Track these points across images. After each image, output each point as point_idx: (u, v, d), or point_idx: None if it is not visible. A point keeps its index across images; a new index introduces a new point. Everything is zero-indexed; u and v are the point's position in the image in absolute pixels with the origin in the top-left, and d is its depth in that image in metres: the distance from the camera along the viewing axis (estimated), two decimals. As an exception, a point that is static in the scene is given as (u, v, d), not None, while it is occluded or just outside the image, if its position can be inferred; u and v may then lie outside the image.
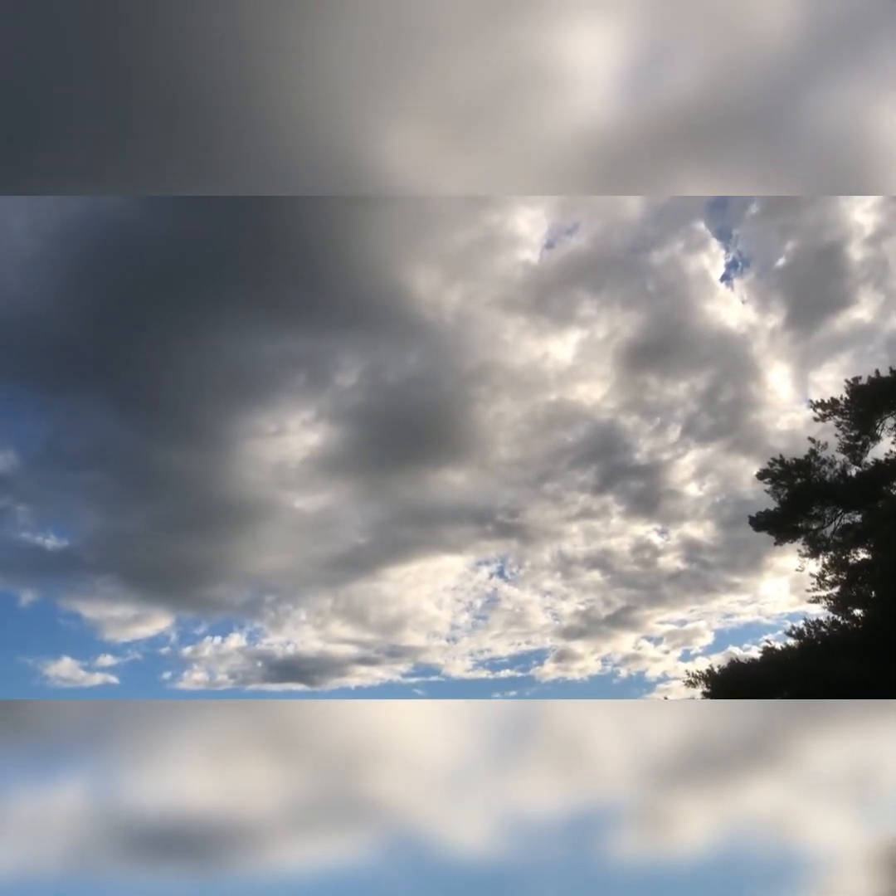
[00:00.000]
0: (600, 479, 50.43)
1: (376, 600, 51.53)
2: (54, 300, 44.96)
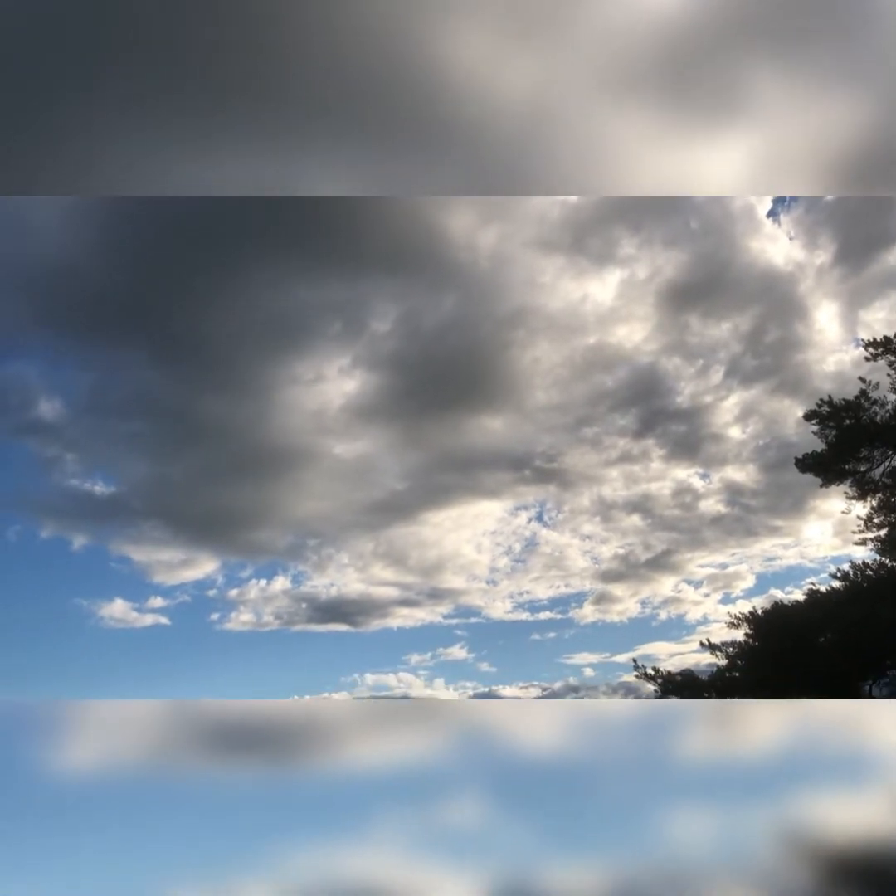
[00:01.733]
0: (641, 422, 50.02)
1: (416, 544, 52.19)
2: (96, 252, 45.21)
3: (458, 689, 48.96)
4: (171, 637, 51.60)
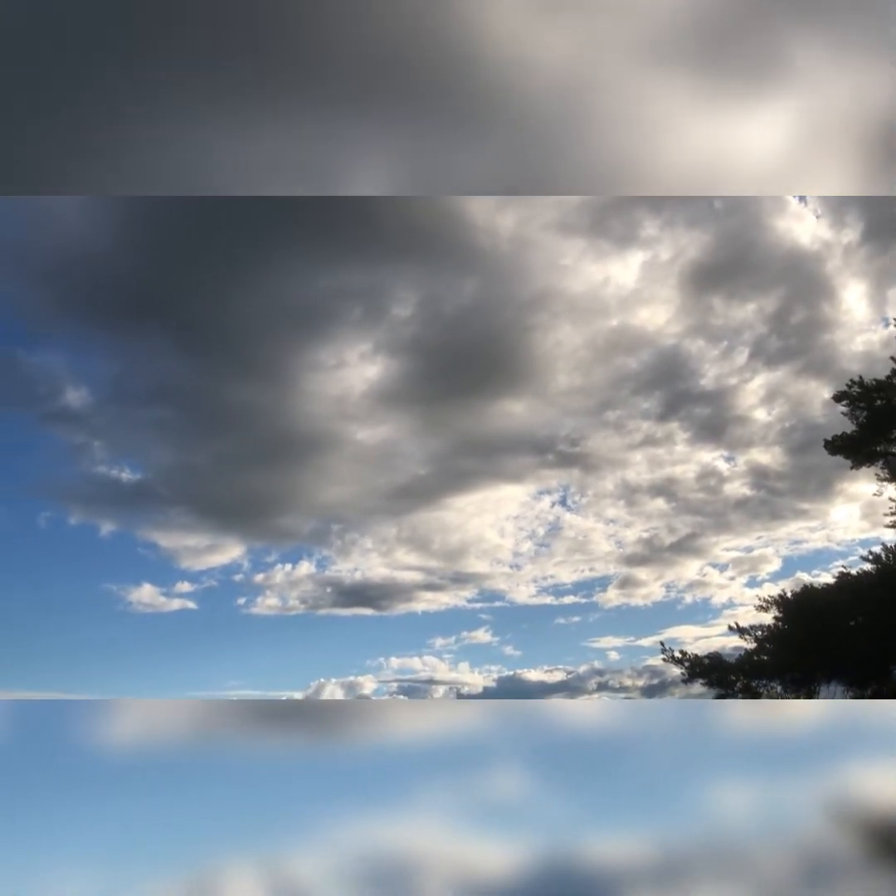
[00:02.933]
0: (664, 405, 49.60)
1: (439, 529, 52.29)
2: (121, 244, 45.45)
3: (482, 672, 49.14)
4: (198, 621, 52.27)
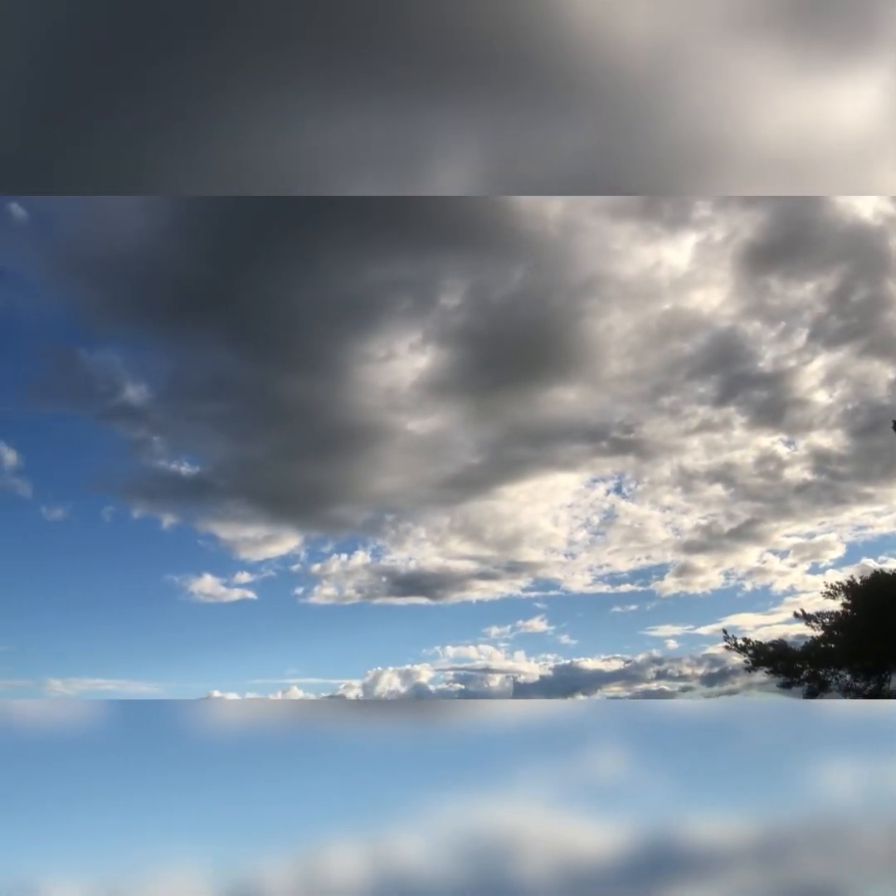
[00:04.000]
0: (721, 389, 48.65)
1: (492, 518, 52.18)
2: (175, 242, 46.24)
3: (538, 661, 48.98)
4: (257, 611, 53.22)
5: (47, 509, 54.90)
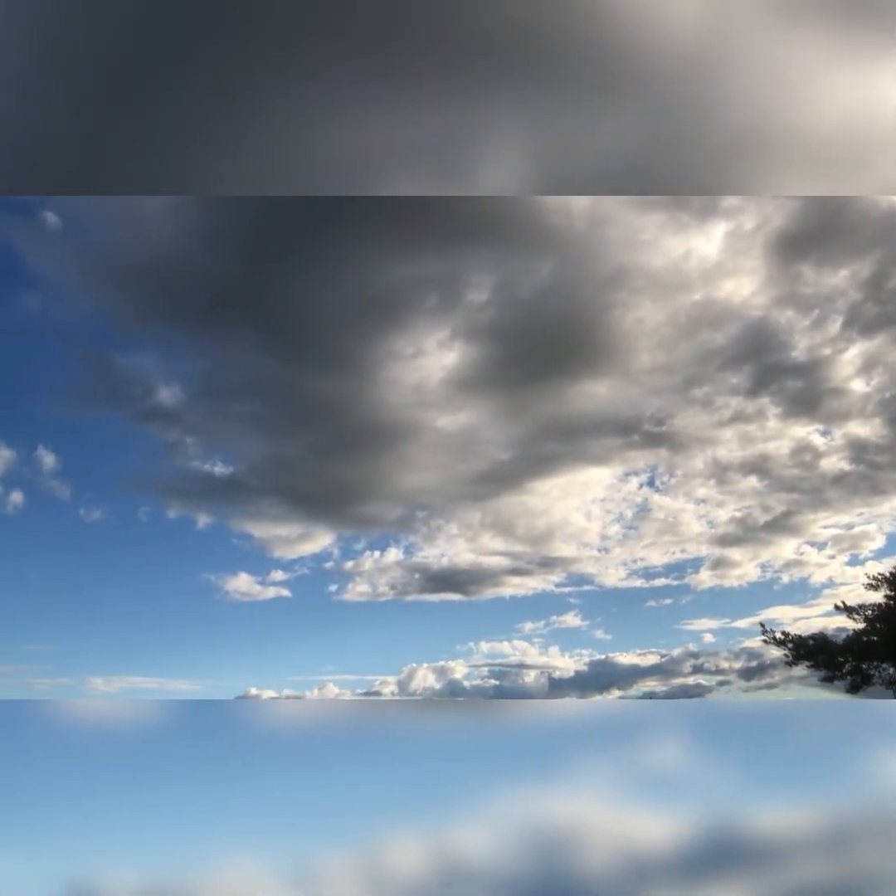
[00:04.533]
0: (754, 380, 47.94)
1: (524, 513, 52.06)
2: (204, 243, 46.73)
3: (573, 656, 48.86)
4: (292, 608, 53.84)
5: (85, 511, 56.08)
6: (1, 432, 59.82)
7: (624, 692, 43.99)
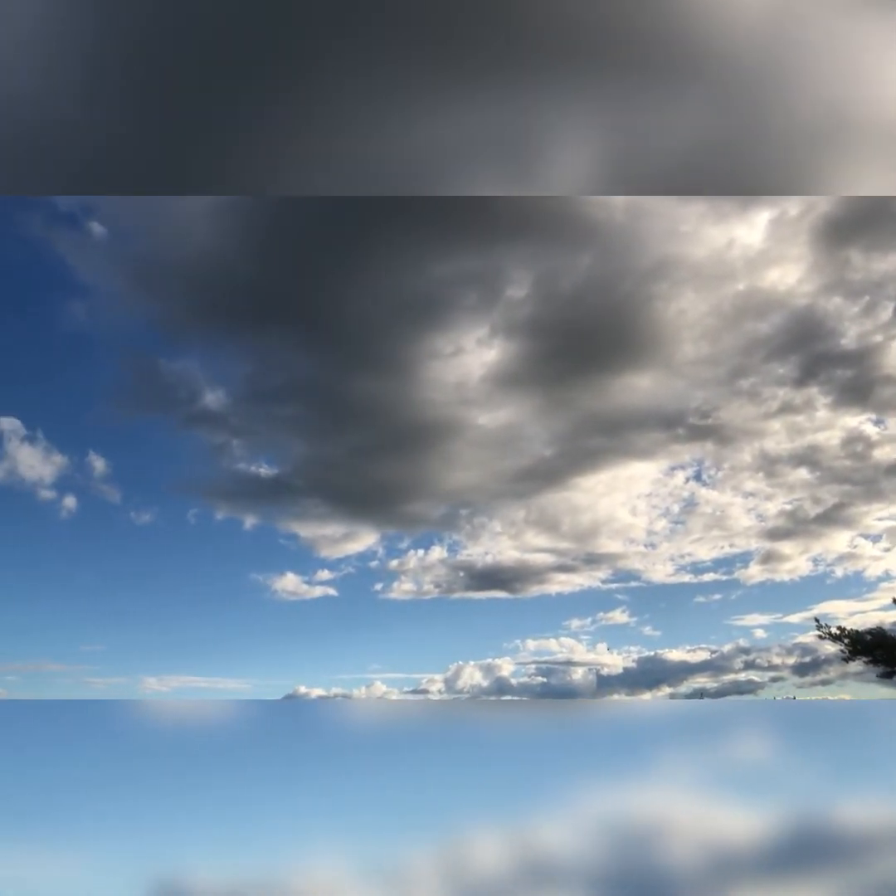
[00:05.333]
0: (802, 369, 47.03)
1: (568, 510, 51.78)
2: (245, 247, 47.33)
3: (621, 653, 48.44)
4: (339, 607, 54.39)
5: (135, 514, 57.34)
6: (53, 439, 61.45)
7: (674, 689, 43.55)
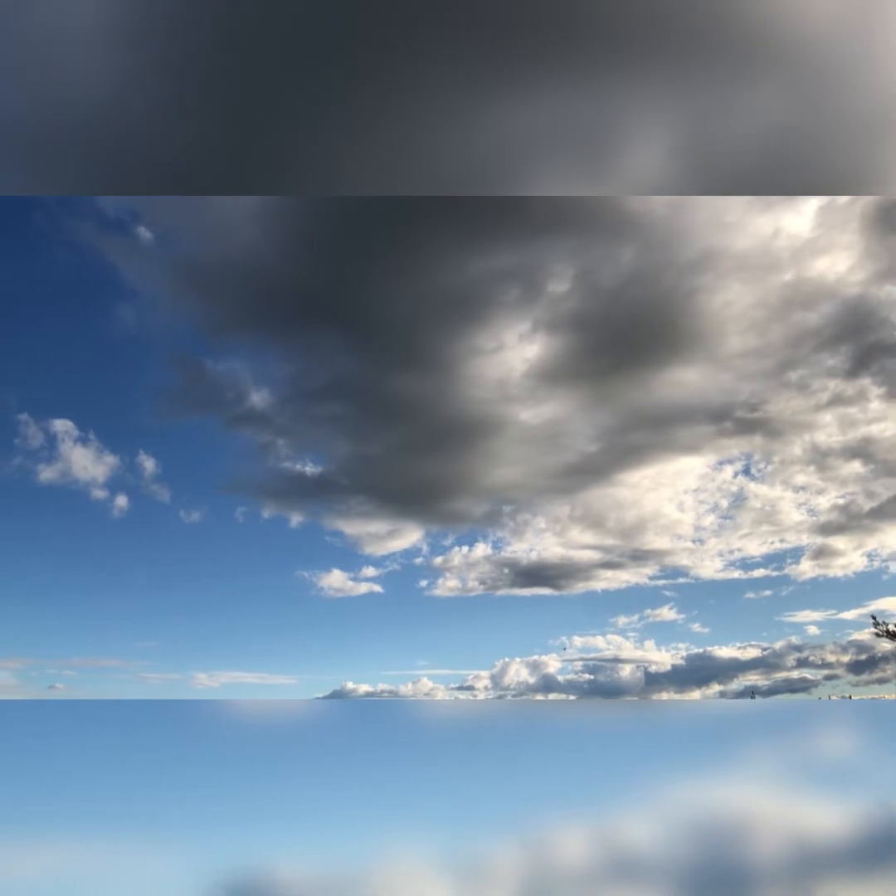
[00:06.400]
0: (853, 360, 46.17)
1: (614, 506, 51.46)
2: (287, 249, 47.93)
3: (669, 650, 48.08)
4: (385, 604, 54.91)
5: (185, 512, 58.52)
6: (105, 440, 62.90)
7: (724, 687, 42.96)
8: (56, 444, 61.01)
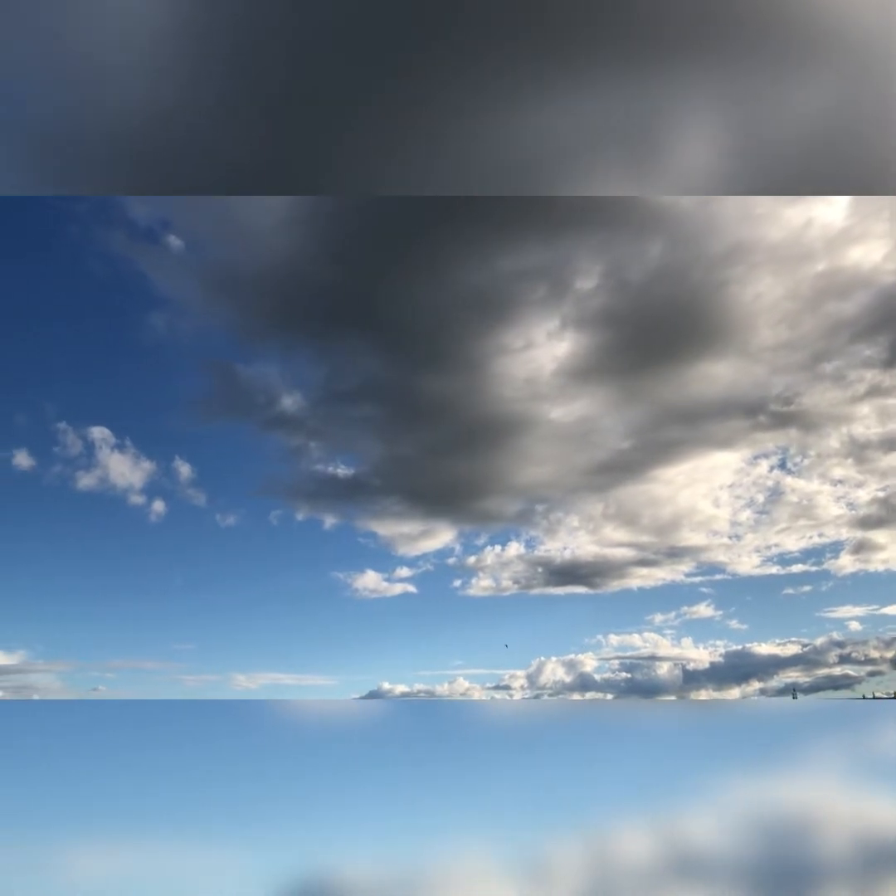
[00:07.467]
0: (891, 350, 45.21)
1: (648, 502, 51.07)
2: (316, 252, 48.31)
3: (707, 647, 47.63)
4: (419, 604, 55.10)
5: (220, 516, 59.27)
6: (141, 446, 63.94)
7: (764, 684, 42.42)
8: (94, 451, 62.31)
